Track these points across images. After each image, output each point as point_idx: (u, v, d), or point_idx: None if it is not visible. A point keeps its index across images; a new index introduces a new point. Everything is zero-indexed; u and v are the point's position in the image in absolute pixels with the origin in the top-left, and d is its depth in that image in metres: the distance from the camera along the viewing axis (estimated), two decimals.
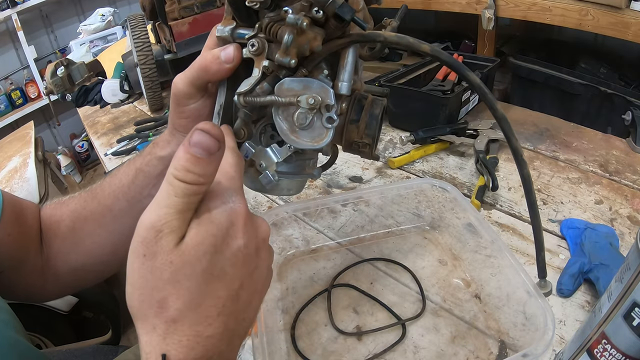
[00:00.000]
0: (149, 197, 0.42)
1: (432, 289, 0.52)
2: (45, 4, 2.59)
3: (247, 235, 0.27)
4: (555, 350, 0.43)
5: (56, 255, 0.45)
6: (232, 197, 0.27)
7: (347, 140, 0.36)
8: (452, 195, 0.55)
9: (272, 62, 0.31)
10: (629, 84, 1.30)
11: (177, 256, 0.24)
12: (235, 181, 0.29)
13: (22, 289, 0.44)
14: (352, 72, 0.33)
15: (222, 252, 0.26)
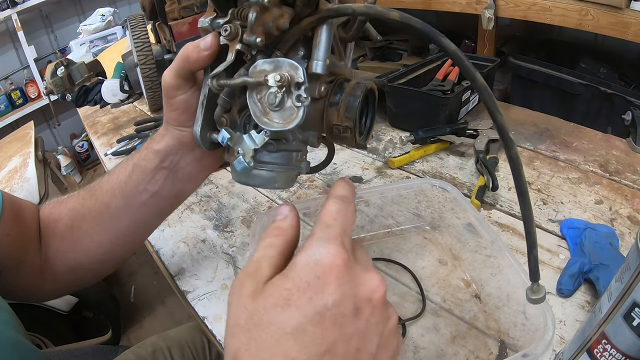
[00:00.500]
0: (145, 193, 0.43)
1: (432, 289, 0.52)
2: (45, 4, 2.60)
3: (339, 292, 0.23)
4: (555, 350, 0.43)
5: (55, 255, 0.45)
6: (320, 248, 0.25)
7: (328, 125, 0.34)
8: (452, 195, 0.55)
9: (245, 46, 0.32)
10: (629, 84, 1.31)
11: (251, 301, 0.24)
12: (332, 229, 0.26)
13: (21, 289, 0.44)
14: (326, 51, 0.32)
15: (299, 307, 0.23)
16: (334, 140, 0.37)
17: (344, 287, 0.23)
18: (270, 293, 0.24)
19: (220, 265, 0.60)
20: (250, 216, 0.69)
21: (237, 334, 0.23)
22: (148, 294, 1.73)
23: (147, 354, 0.64)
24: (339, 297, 0.23)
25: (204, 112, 0.37)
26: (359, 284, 0.24)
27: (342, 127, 0.33)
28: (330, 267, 0.24)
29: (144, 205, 0.44)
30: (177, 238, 0.66)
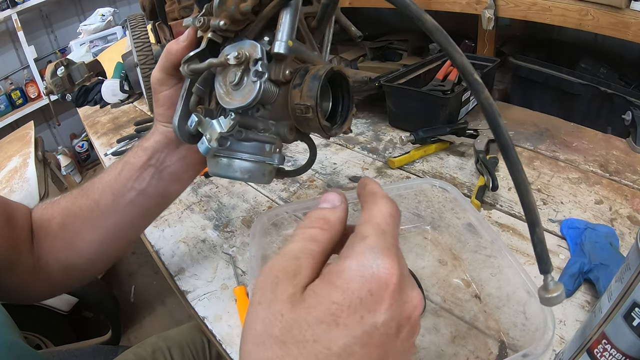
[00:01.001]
0: (132, 191, 0.43)
1: (432, 289, 0.52)
2: (45, 4, 2.60)
3: (390, 311, 0.22)
4: (555, 350, 0.43)
5: (47, 254, 0.45)
6: (378, 260, 0.22)
7: (292, 107, 0.34)
8: (452, 195, 0.55)
9: (215, 34, 0.34)
10: (629, 84, 1.31)
11: (289, 310, 0.21)
12: (388, 238, 0.23)
13: (14, 289, 0.44)
14: (289, 32, 0.32)
15: (348, 326, 0.21)
16: (300, 125, 0.36)
17: (395, 306, 0.22)
18: (314, 304, 0.21)
19: (220, 265, 0.60)
20: (250, 216, 0.69)
21: (268, 344, 0.21)
22: (148, 294, 1.73)
23: (147, 354, 0.64)
24: (389, 316, 0.22)
25: (183, 103, 0.38)
26: (406, 301, 0.23)
27: (304, 107, 0.33)
28: (387, 284, 0.22)
29: (131, 203, 0.44)
30: (177, 238, 0.66)
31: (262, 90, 0.32)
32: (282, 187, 0.76)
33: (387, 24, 2.30)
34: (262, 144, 0.37)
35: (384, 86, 0.87)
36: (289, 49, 0.32)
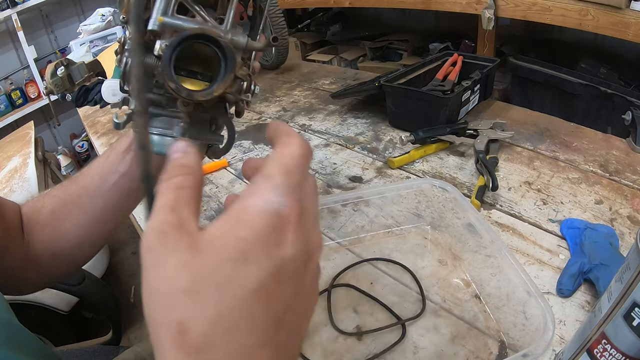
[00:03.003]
0: (116, 173, 0.44)
1: (432, 289, 0.52)
2: (45, 4, 2.60)
3: (295, 245, 0.22)
4: (555, 350, 0.43)
5: (36, 243, 0.46)
6: (281, 197, 0.22)
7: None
8: (452, 195, 0.55)
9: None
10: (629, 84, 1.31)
11: (193, 257, 0.20)
12: (294, 178, 0.23)
13: (5, 280, 0.44)
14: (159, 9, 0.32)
15: (258, 261, 0.20)
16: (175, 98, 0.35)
17: (298, 242, 0.22)
18: (220, 244, 0.20)
19: None
20: None
21: (178, 302, 0.19)
22: None
23: (147, 353, 0.64)
24: (295, 251, 0.21)
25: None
26: (309, 239, 0.23)
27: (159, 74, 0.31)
28: (288, 219, 0.22)
29: (115, 185, 0.45)
30: None
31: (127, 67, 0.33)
32: None
33: (387, 24, 2.30)
34: (171, 118, 0.37)
35: (384, 86, 0.87)
36: (158, 25, 0.32)
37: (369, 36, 2.21)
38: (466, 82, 0.85)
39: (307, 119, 1.01)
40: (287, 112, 1.06)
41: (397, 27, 2.24)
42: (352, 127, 0.94)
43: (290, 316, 0.21)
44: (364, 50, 2.21)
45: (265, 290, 0.20)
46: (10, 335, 0.36)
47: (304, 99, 1.13)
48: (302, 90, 1.19)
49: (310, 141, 0.90)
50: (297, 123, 0.99)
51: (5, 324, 0.37)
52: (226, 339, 0.19)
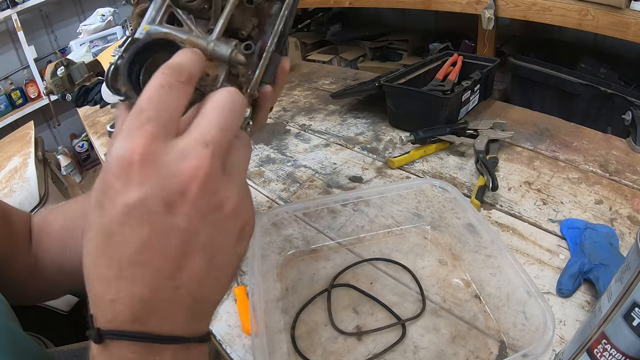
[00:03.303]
0: None
1: (432, 289, 0.52)
2: (45, 4, 2.60)
3: (141, 190, 0.21)
4: (555, 350, 0.43)
5: (44, 254, 0.46)
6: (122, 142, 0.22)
7: None
8: (452, 195, 0.55)
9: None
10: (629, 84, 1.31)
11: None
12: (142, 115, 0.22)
13: (10, 288, 0.44)
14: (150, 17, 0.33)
15: (103, 208, 0.22)
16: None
17: (147, 184, 0.21)
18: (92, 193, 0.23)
19: None
20: None
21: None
22: None
23: None
24: (142, 194, 0.21)
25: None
26: (167, 177, 0.22)
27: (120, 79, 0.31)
28: (130, 162, 0.21)
29: None
30: None
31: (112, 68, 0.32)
32: (282, 187, 0.76)
33: (387, 24, 2.30)
34: None
35: (384, 86, 0.87)
36: (142, 33, 0.32)
37: (369, 36, 2.21)
38: (466, 82, 0.85)
39: (307, 119, 1.01)
40: (287, 112, 1.06)
41: (397, 27, 2.24)
42: (352, 127, 0.94)
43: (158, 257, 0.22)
44: (364, 50, 2.20)
45: (110, 234, 0.22)
46: (13, 343, 0.36)
47: (304, 99, 1.13)
48: (302, 90, 1.19)
49: (310, 141, 0.90)
50: (297, 123, 1.00)
51: (9, 332, 0.37)
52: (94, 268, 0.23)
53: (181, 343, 0.24)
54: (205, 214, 0.23)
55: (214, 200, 0.23)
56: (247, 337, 0.49)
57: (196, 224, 0.23)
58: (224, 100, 0.25)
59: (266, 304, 0.47)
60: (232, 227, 0.25)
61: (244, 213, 0.26)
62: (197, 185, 0.22)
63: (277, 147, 0.90)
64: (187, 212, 0.22)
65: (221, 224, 0.24)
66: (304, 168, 0.81)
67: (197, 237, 0.23)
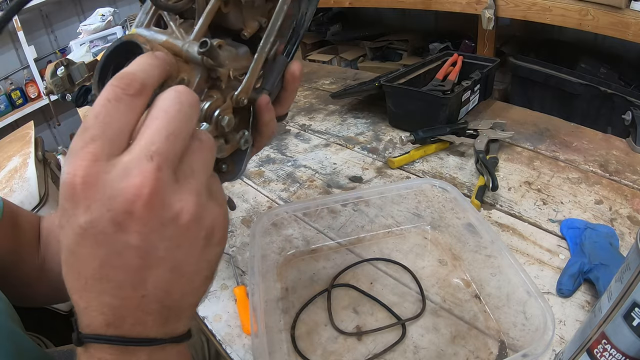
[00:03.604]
0: None
1: (432, 289, 0.52)
2: (45, 4, 2.59)
3: (89, 212, 0.21)
4: (555, 350, 0.43)
5: (52, 257, 0.46)
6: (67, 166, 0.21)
7: None
8: (452, 195, 0.55)
9: None
10: (629, 84, 1.31)
11: None
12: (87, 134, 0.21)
13: (18, 289, 0.44)
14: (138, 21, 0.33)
15: (64, 228, 0.22)
16: None
17: (93, 206, 0.21)
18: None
19: (220, 265, 0.60)
20: (250, 216, 0.69)
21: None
22: None
23: None
24: (90, 217, 0.21)
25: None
26: (112, 197, 0.21)
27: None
28: (73, 187, 0.21)
29: None
30: None
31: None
32: (282, 187, 0.76)
33: (387, 24, 2.30)
34: None
35: (384, 86, 0.87)
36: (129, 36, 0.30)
37: (369, 36, 2.21)
38: (466, 82, 0.85)
39: (307, 119, 1.01)
40: None
41: (397, 27, 2.24)
42: (352, 127, 0.94)
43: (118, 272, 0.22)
44: (364, 50, 2.21)
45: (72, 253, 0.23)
46: (12, 343, 0.36)
47: (304, 99, 1.13)
48: (302, 90, 1.19)
49: (310, 141, 0.90)
50: (297, 123, 1.00)
51: (8, 332, 0.37)
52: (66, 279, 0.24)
53: (155, 344, 0.25)
54: (158, 229, 0.22)
55: (165, 214, 0.22)
56: (247, 337, 0.49)
57: (151, 240, 0.22)
58: (170, 102, 0.23)
59: (266, 304, 0.47)
60: (193, 236, 0.24)
61: (207, 219, 0.25)
62: (142, 203, 0.21)
63: (277, 147, 0.90)
64: (138, 229, 0.22)
65: (180, 236, 0.23)
66: (304, 168, 0.81)
67: (154, 251, 0.23)
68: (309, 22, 0.36)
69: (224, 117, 0.31)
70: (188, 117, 0.24)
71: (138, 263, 0.23)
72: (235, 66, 0.32)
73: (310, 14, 0.35)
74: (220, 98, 0.31)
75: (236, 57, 0.33)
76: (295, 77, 0.36)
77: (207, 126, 0.30)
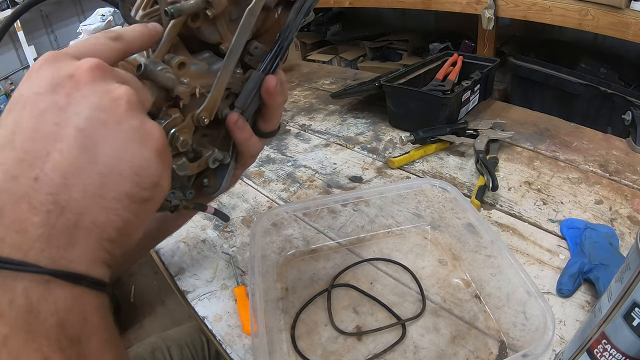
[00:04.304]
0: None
1: (432, 289, 0.52)
2: (45, 4, 2.59)
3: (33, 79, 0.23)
4: (555, 350, 0.43)
5: None
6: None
7: None
8: (452, 195, 0.55)
9: None
10: (629, 84, 1.31)
11: None
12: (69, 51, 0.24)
13: None
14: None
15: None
16: None
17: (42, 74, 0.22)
18: None
19: (220, 265, 0.60)
20: (250, 216, 0.69)
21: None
22: (148, 294, 1.73)
23: (147, 353, 0.64)
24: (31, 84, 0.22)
25: None
26: (61, 67, 0.22)
27: None
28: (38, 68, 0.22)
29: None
30: (177, 238, 0.66)
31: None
32: (282, 187, 0.76)
33: (387, 24, 2.30)
34: None
35: (384, 86, 0.87)
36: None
37: (369, 36, 2.21)
38: (466, 82, 0.85)
39: (307, 119, 1.01)
40: (287, 112, 1.06)
41: (397, 27, 2.24)
42: (352, 127, 0.94)
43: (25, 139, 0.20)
44: (364, 50, 2.21)
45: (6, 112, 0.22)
46: None
47: (304, 99, 1.13)
48: (302, 90, 1.19)
49: (310, 141, 0.90)
50: (297, 123, 1.00)
51: None
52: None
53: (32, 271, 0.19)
54: (90, 95, 0.22)
55: (104, 86, 0.22)
56: (247, 337, 0.49)
57: (78, 104, 0.21)
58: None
59: (266, 304, 0.47)
60: (126, 124, 0.22)
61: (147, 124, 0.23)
62: (87, 67, 0.22)
63: (277, 147, 0.90)
64: (69, 91, 0.21)
65: (110, 112, 0.22)
66: (304, 168, 0.81)
67: (74, 118, 0.21)
68: (294, 34, 0.34)
69: (178, 138, 0.30)
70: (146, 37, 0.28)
71: (50, 130, 0.21)
72: (203, 83, 0.31)
73: (295, 26, 0.34)
74: (179, 117, 0.30)
75: (205, 73, 0.32)
76: (270, 92, 0.34)
77: None
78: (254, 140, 0.36)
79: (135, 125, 0.22)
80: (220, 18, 0.32)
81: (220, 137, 0.36)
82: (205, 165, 0.35)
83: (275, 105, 0.36)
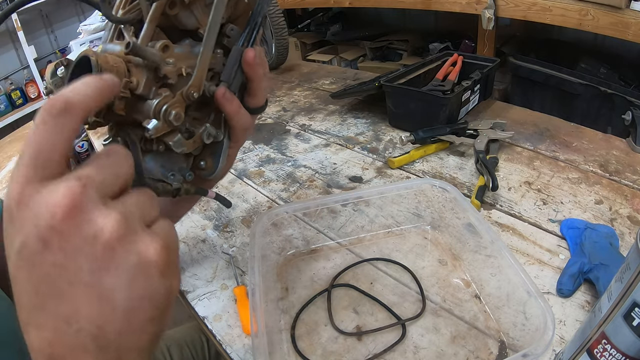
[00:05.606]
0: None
1: (432, 289, 0.52)
2: (45, 4, 2.60)
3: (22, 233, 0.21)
4: (555, 350, 0.43)
5: None
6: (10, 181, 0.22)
7: None
8: (452, 195, 0.55)
9: None
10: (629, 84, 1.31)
11: None
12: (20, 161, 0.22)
13: None
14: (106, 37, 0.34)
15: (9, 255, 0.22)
16: None
17: (25, 225, 0.21)
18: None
19: (220, 265, 0.60)
20: (250, 216, 0.69)
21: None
22: None
23: None
24: (22, 237, 0.21)
25: None
26: (38, 213, 0.21)
27: None
28: (9, 210, 0.22)
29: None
30: None
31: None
32: (282, 187, 0.76)
33: (387, 24, 2.30)
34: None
35: (384, 86, 0.87)
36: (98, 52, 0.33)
37: (369, 36, 2.21)
38: (466, 82, 0.85)
39: (307, 119, 1.01)
40: (287, 112, 1.06)
41: (397, 27, 2.24)
42: (352, 127, 0.94)
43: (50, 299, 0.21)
44: (364, 50, 2.21)
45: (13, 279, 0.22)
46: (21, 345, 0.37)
47: (304, 99, 1.13)
48: (302, 90, 1.19)
49: (310, 141, 0.90)
50: (297, 123, 1.00)
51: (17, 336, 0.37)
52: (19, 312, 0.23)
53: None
54: (81, 246, 0.21)
55: (87, 229, 0.21)
56: (247, 337, 0.49)
57: (75, 258, 0.21)
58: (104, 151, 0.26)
59: (266, 304, 0.47)
60: (121, 260, 0.22)
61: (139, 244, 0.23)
62: (62, 213, 0.21)
63: (277, 147, 0.90)
64: (60, 245, 0.21)
65: (104, 257, 0.22)
66: (304, 168, 0.81)
67: (79, 273, 0.21)
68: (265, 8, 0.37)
69: (171, 112, 0.32)
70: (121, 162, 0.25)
71: (66, 288, 0.21)
72: (188, 63, 0.34)
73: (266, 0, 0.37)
74: (169, 95, 0.32)
75: (189, 55, 0.34)
76: (250, 64, 0.36)
77: (157, 122, 0.32)
78: (243, 112, 0.37)
79: (133, 261, 0.23)
80: (195, 3, 0.34)
81: (211, 119, 0.38)
82: (201, 142, 0.36)
83: (258, 78, 0.37)
